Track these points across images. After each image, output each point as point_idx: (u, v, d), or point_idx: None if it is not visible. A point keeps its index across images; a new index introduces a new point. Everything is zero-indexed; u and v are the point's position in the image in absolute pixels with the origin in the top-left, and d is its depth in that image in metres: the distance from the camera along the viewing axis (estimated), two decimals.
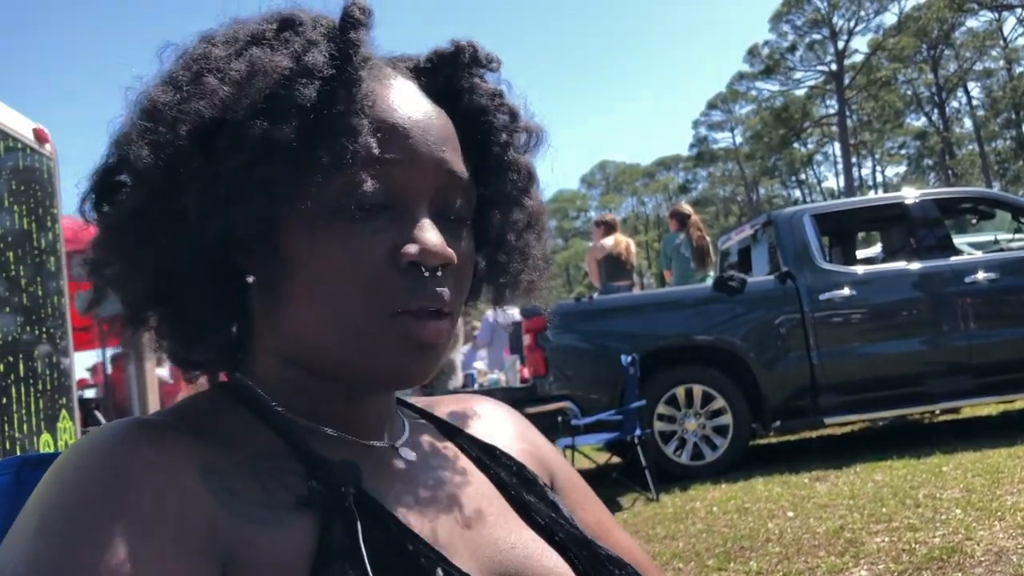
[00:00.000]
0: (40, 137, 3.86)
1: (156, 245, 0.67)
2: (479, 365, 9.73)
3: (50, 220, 3.87)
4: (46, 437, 3.60)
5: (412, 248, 0.67)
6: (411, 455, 0.78)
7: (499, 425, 0.91)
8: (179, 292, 0.70)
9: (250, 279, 0.72)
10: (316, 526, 0.62)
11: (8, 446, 3.27)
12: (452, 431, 0.86)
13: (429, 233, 0.68)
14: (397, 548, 0.63)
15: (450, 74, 0.78)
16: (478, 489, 0.78)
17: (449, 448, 0.83)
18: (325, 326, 0.68)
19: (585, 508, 0.88)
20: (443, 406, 0.91)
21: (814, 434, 8.12)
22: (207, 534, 0.58)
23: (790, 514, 4.59)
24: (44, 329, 3.72)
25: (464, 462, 0.82)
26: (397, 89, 0.72)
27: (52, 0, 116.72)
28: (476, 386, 8.93)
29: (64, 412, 3.81)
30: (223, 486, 0.61)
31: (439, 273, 0.69)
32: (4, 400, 3.28)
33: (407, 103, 0.71)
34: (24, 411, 3.44)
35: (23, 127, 3.73)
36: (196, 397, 0.74)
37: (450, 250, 0.69)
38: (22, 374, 3.46)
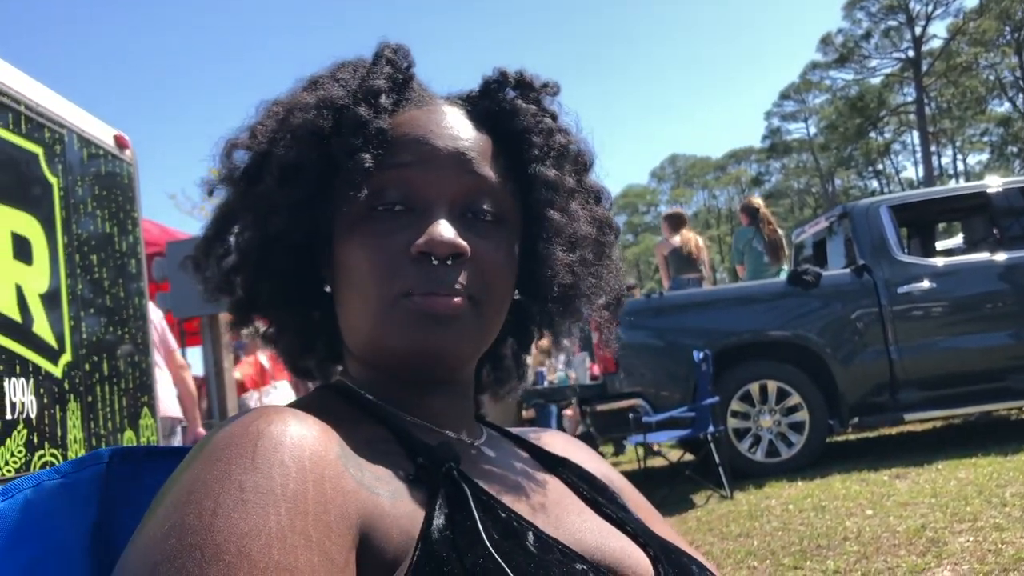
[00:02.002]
0: (121, 143, 3.98)
1: (235, 254, 0.83)
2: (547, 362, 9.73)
3: (131, 224, 3.99)
4: (129, 434, 3.72)
5: (422, 239, 0.75)
6: (490, 452, 0.84)
7: (569, 448, 0.98)
8: (277, 303, 0.86)
9: (327, 288, 0.85)
10: (425, 496, 0.68)
11: (94, 442, 3.38)
12: (526, 444, 0.93)
13: (440, 227, 0.75)
14: (492, 514, 0.68)
15: (497, 99, 0.86)
16: (553, 486, 0.84)
17: (524, 455, 0.91)
18: (358, 315, 0.79)
19: (653, 525, 0.89)
20: (516, 431, 0.98)
21: (894, 431, 7.93)
22: (347, 506, 0.62)
23: (869, 512, 4.49)
24: (126, 329, 3.83)
25: (538, 465, 0.88)
26: (431, 109, 0.82)
27: (128, 8, 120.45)
28: (545, 384, 8.94)
29: (146, 409, 3.93)
30: (354, 463, 0.67)
31: (449, 262, 0.75)
32: (90, 398, 3.39)
33: (436, 118, 0.81)
34: (108, 409, 3.55)
35: (104, 134, 3.86)
36: (306, 397, 0.84)
37: (462, 242, 0.75)
38: (106, 373, 3.57)
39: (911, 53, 51.42)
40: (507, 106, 0.85)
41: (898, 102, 55.97)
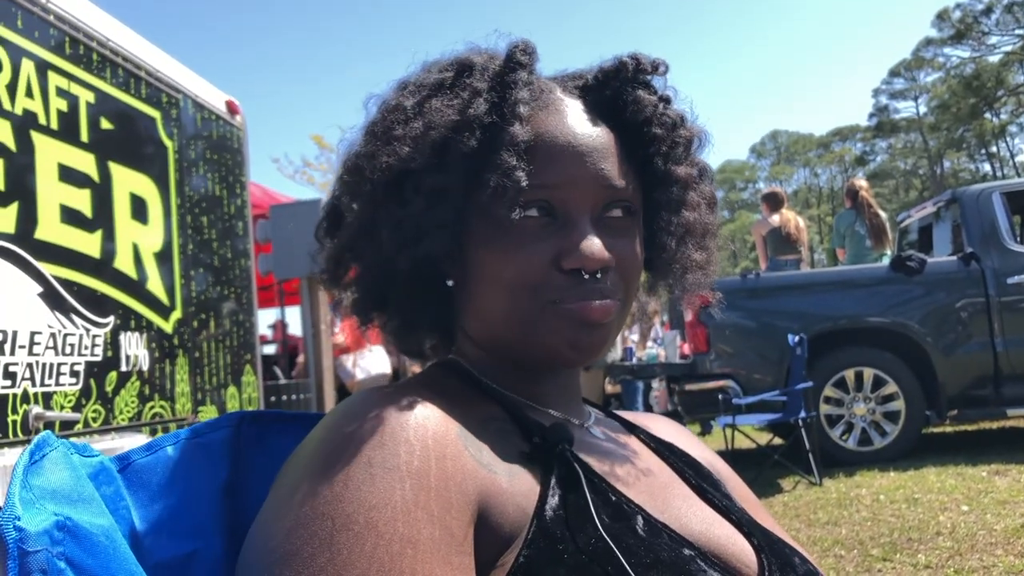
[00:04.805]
0: (232, 109, 4.11)
1: (369, 266, 0.83)
2: (634, 337, 9.69)
3: (239, 187, 4.13)
4: (232, 390, 3.87)
5: (572, 257, 0.76)
6: (599, 434, 0.87)
7: (674, 433, 0.99)
8: (403, 301, 0.86)
9: (450, 283, 0.87)
10: (539, 476, 0.71)
11: (200, 396, 3.53)
12: (632, 427, 0.95)
13: (588, 241, 0.77)
14: (603, 496, 0.71)
15: (616, 88, 0.85)
16: (660, 470, 0.86)
17: (631, 438, 0.92)
18: (502, 317, 0.80)
19: (756, 515, 0.89)
20: (623, 414, 1.00)
21: (994, 425, 7.66)
22: (466, 483, 0.66)
23: (964, 508, 4.36)
24: (232, 288, 3.98)
25: (645, 449, 0.90)
26: (561, 114, 0.81)
27: None
28: (635, 360, 8.91)
29: (248, 367, 4.08)
30: (473, 443, 0.70)
31: (598, 275, 0.78)
32: (197, 354, 3.54)
33: (570, 128, 0.80)
34: (213, 365, 3.71)
35: (216, 99, 3.99)
36: (422, 373, 0.86)
37: (607, 254, 0.77)
38: (212, 330, 3.72)
39: None
40: (628, 96, 0.84)
41: (1018, 82, 53.32)
